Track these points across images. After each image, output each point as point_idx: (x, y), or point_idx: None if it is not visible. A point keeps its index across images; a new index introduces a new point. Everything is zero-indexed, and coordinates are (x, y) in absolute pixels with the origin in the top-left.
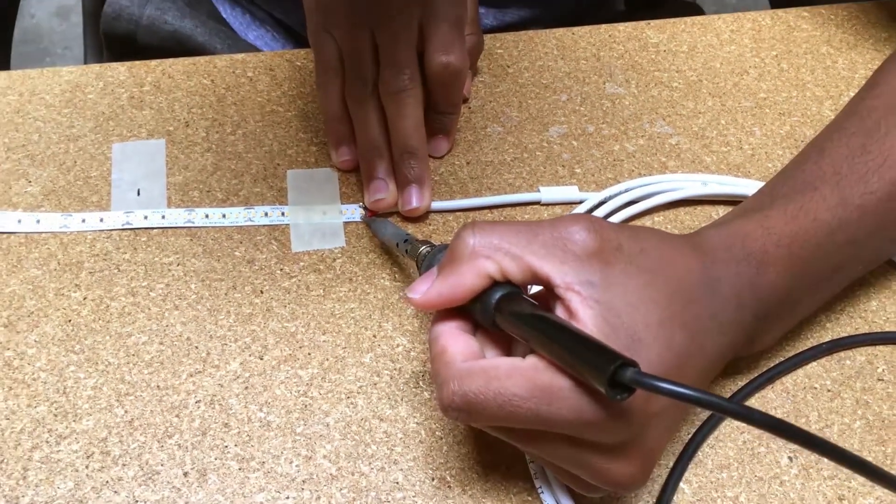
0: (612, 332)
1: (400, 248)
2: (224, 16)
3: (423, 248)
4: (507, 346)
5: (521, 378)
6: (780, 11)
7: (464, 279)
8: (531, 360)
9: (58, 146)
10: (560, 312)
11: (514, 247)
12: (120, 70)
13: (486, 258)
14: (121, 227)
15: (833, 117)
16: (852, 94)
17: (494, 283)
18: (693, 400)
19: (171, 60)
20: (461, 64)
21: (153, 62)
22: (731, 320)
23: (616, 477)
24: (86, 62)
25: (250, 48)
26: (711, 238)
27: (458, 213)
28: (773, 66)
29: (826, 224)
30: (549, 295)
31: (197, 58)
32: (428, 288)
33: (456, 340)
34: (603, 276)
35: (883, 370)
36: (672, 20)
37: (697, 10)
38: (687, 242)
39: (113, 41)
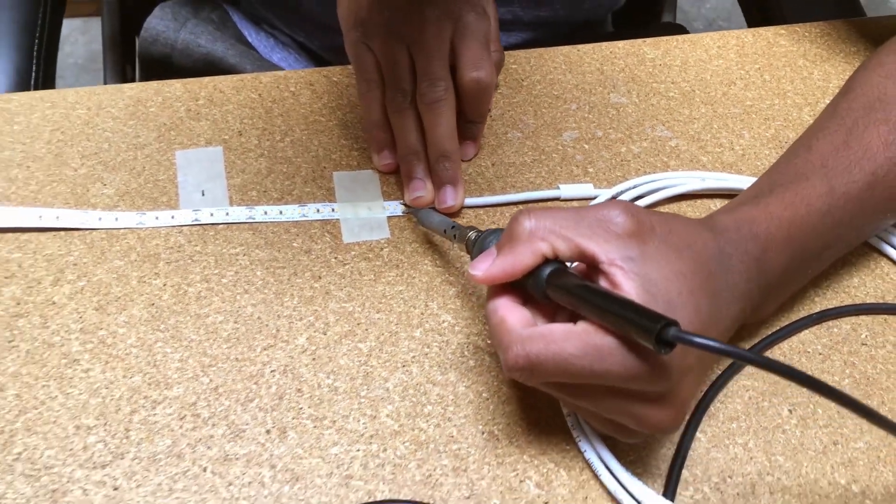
0: (651, 299)
1: (448, 234)
2: (249, 39)
3: (471, 233)
4: (552, 317)
5: (576, 340)
6: (760, 29)
7: (522, 258)
8: (582, 325)
9: (126, 154)
10: (603, 284)
11: (564, 229)
12: (176, 86)
13: (541, 239)
14: (191, 223)
15: (812, 121)
16: (828, 101)
17: (545, 261)
18: (725, 352)
19: (220, 77)
20: (490, 79)
21: (205, 79)
22: (741, 291)
23: (656, 422)
24: (105, 83)
25: (275, 69)
26: (723, 221)
27: (487, 209)
28: (756, 78)
29: (817, 210)
30: (592, 270)
31: (243, 75)
32: (489, 265)
33: (512, 311)
34: (640, 252)
35: (866, 336)
36: (665, 38)
37: (682, 30)
38: (703, 225)
39: (150, 63)
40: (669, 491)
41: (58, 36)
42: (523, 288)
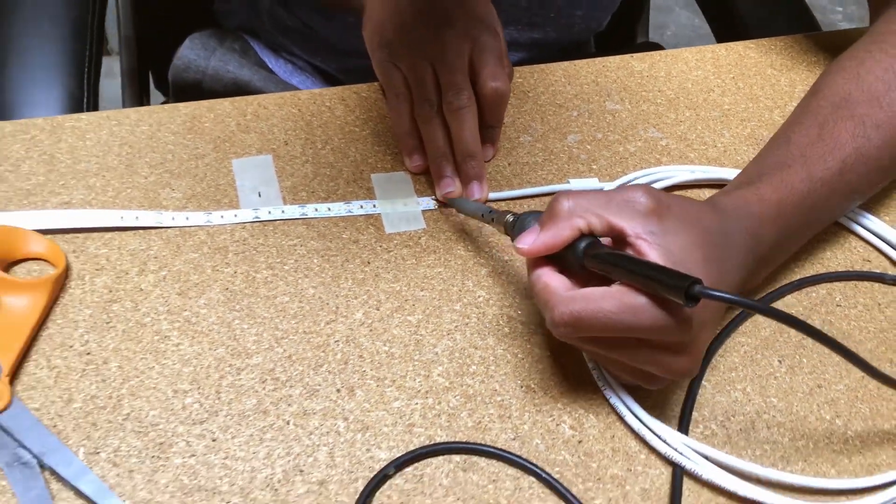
0: (672, 266)
1: (486, 217)
2: (269, 65)
3: (509, 216)
4: (585, 285)
5: (613, 299)
6: (731, 44)
7: (562, 232)
8: (617, 287)
9: (188, 163)
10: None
11: (597, 208)
12: (225, 104)
13: (578, 217)
14: (252, 221)
15: (782, 121)
16: (795, 104)
17: (581, 235)
18: (741, 303)
19: (263, 95)
20: (506, 88)
21: (250, 97)
22: (741, 261)
23: (678, 368)
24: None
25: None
26: (723, 202)
27: (508, 202)
28: (731, 85)
29: (800, 192)
30: (619, 244)
31: (284, 93)
32: (534, 240)
33: (554, 278)
34: (660, 227)
35: (839, 298)
36: (650, 53)
37: (659, 48)
38: (708, 205)
39: (182, 87)
40: (683, 427)
41: (100, 65)
42: (560, 260)
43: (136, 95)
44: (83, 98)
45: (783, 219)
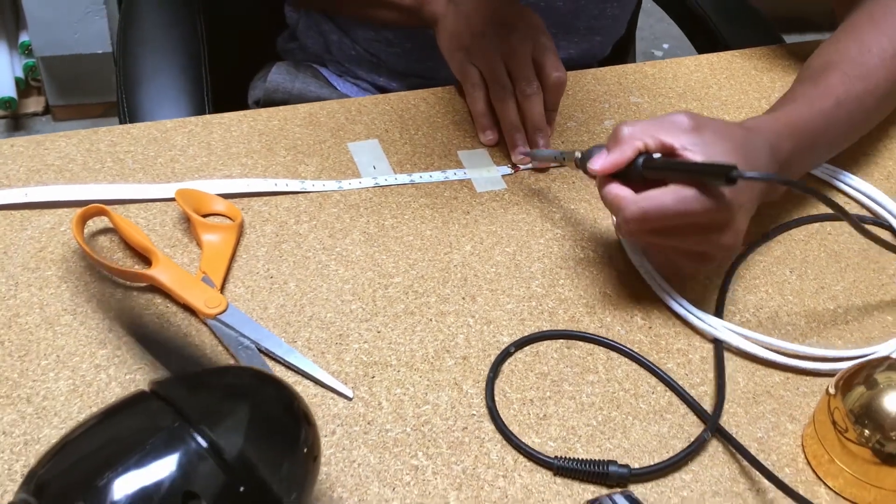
0: None
1: (558, 159)
2: (338, 87)
3: (577, 153)
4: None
5: (670, 193)
6: (721, 53)
7: (626, 152)
8: (672, 186)
9: (314, 147)
10: None
11: (651, 130)
12: (333, 104)
13: (637, 139)
14: (373, 185)
15: (769, 107)
16: (777, 96)
17: (639, 154)
18: (772, 178)
19: (361, 98)
20: (565, 77)
21: (352, 99)
22: (765, 165)
23: (724, 243)
24: None
25: None
26: (748, 123)
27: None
28: (725, 83)
29: (806, 118)
30: (669, 157)
31: (377, 95)
32: (604, 160)
33: (621, 189)
34: (701, 139)
35: (830, 229)
36: (659, 61)
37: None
38: (738, 125)
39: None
40: (718, 312)
41: (210, 88)
42: (623, 176)
43: None
44: (204, 104)
45: (795, 136)
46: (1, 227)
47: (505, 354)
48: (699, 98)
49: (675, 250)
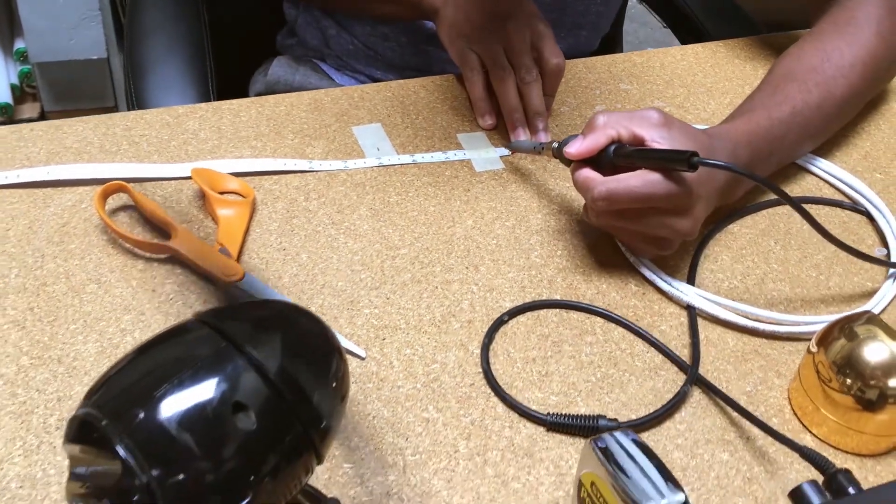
0: None
1: (536, 149)
2: (337, 80)
3: (554, 143)
4: None
5: (637, 177)
6: (707, 44)
7: (600, 138)
8: (639, 171)
9: (320, 130)
10: None
11: (624, 121)
12: (336, 92)
13: (610, 128)
14: (377, 165)
15: (750, 92)
16: (758, 80)
17: (611, 142)
18: (730, 169)
19: (365, 85)
20: (564, 63)
21: (355, 86)
22: (719, 176)
23: (683, 228)
24: None
25: None
26: (709, 130)
27: None
28: (710, 70)
29: (764, 126)
30: (639, 146)
31: (379, 83)
32: (579, 146)
33: (592, 172)
34: (668, 133)
35: (784, 212)
36: (646, 51)
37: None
38: (701, 130)
39: None
40: (690, 280)
41: (214, 77)
42: (594, 163)
43: None
44: (209, 91)
45: (753, 144)
46: (25, 203)
47: (499, 322)
48: (685, 85)
49: (637, 235)
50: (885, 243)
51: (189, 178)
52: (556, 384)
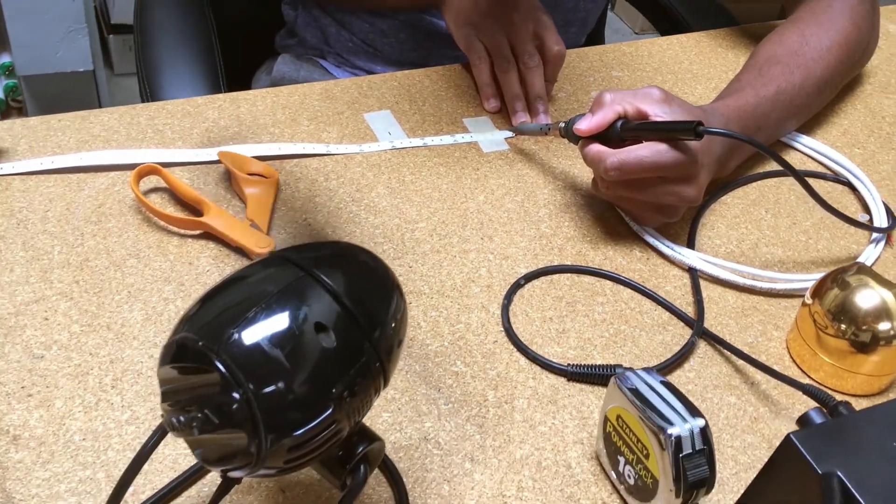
0: None
1: (542, 130)
2: (336, 76)
3: (561, 123)
4: None
5: (645, 147)
6: (691, 34)
7: (607, 114)
8: (647, 143)
9: (334, 117)
10: None
11: (629, 98)
12: (346, 82)
13: (617, 104)
14: (390, 148)
15: (732, 78)
16: (740, 67)
17: (617, 118)
18: (734, 136)
19: (372, 75)
20: (565, 50)
21: (362, 77)
22: (718, 142)
23: (688, 195)
24: None
25: None
26: (703, 106)
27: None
28: (695, 58)
29: (752, 104)
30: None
31: (385, 73)
32: (588, 122)
33: (601, 146)
34: (670, 108)
35: (775, 182)
36: (635, 41)
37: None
38: (695, 106)
39: None
40: (691, 245)
41: (224, 74)
42: (602, 138)
43: None
44: (220, 84)
45: (742, 120)
46: (60, 187)
47: (516, 286)
48: (673, 72)
49: (645, 204)
50: (867, 210)
51: (215, 161)
52: (572, 339)
